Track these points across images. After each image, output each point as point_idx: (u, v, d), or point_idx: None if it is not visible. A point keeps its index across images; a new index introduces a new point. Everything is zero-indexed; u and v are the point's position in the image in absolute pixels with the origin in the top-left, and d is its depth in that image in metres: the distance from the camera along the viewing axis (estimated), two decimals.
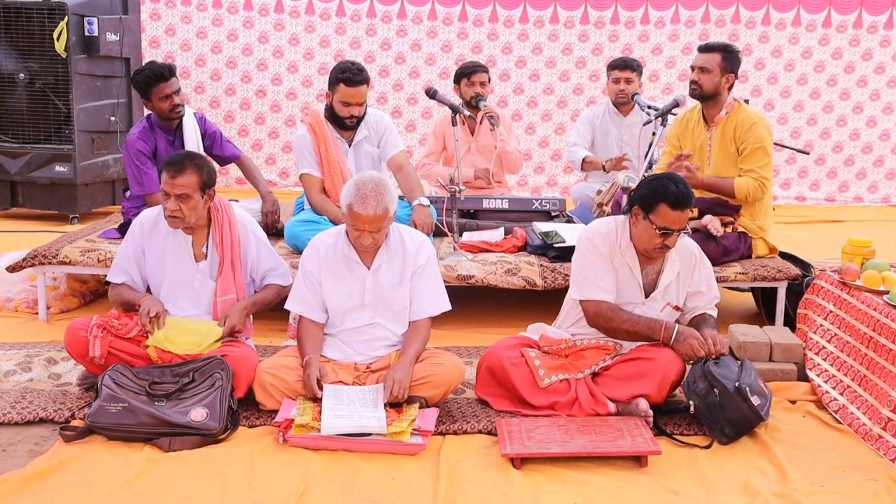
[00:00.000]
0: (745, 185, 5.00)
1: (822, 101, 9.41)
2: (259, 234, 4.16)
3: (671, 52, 9.26)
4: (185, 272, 4.00)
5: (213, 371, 3.66)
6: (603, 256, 3.93)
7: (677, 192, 3.72)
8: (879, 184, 9.58)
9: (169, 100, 5.20)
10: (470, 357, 4.48)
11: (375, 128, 5.32)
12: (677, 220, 3.76)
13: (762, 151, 4.99)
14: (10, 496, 3.06)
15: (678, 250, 3.95)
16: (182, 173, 3.81)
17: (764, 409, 3.64)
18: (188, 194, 3.82)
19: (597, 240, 3.95)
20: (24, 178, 7.50)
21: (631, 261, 3.93)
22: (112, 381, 3.60)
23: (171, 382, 3.64)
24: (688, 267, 4.01)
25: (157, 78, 5.16)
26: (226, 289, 3.98)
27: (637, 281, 3.95)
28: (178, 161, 3.85)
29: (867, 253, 4.53)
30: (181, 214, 3.85)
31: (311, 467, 3.32)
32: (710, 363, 3.66)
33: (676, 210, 3.73)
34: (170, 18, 9.06)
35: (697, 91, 5.07)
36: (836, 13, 9.20)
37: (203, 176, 3.86)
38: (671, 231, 3.77)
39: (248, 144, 9.31)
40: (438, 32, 9.21)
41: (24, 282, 5.39)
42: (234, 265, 4.00)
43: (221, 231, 3.98)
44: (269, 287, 4.18)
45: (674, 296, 4.00)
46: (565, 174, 9.45)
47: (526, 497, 3.15)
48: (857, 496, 3.21)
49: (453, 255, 5.11)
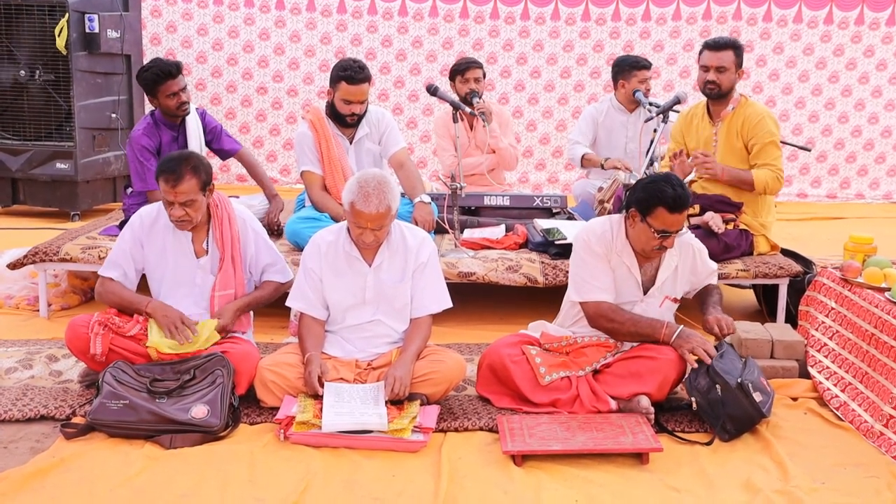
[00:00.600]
0: (763, 176, 4.99)
1: (824, 98, 9.40)
2: (258, 229, 4.16)
3: (672, 49, 9.25)
4: (186, 269, 4.00)
5: (214, 368, 3.66)
6: (599, 257, 3.93)
7: (675, 195, 3.71)
8: (881, 180, 9.57)
9: (176, 97, 5.20)
10: (471, 354, 4.48)
11: (377, 125, 5.31)
12: (675, 222, 3.75)
13: (773, 145, 5.00)
14: (11, 493, 3.06)
15: (677, 244, 3.95)
16: (181, 181, 3.78)
17: (766, 405, 3.64)
18: (191, 199, 3.81)
19: (592, 240, 3.95)
20: (25, 176, 7.50)
21: (628, 260, 3.93)
22: (113, 378, 3.60)
23: (172, 380, 3.64)
24: (687, 259, 4.02)
25: (165, 75, 5.15)
26: (225, 284, 3.98)
27: (636, 279, 3.95)
28: (174, 168, 3.80)
29: (869, 250, 4.53)
30: (188, 218, 3.85)
31: (312, 464, 3.32)
32: (715, 360, 3.66)
33: (675, 213, 3.72)
34: (170, 15, 9.06)
35: (716, 91, 5.01)
36: (838, 9, 9.18)
37: (202, 176, 3.84)
38: (669, 233, 3.77)
39: (249, 141, 9.31)
40: (439, 29, 9.21)
41: (25, 279, 5.40)
42: (234, 260, 4.00)
43: (221, 226, 3.98)
44: (266, 284, 4.17)
45: (671, 289, 4.01)
46: (566, 171, 9.44)
47: (527, 494, 3.15)
48: (858, 493, 3.21)
49: (454, 252, 5.11)
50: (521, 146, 8.99)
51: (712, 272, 4.13)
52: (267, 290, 4.16)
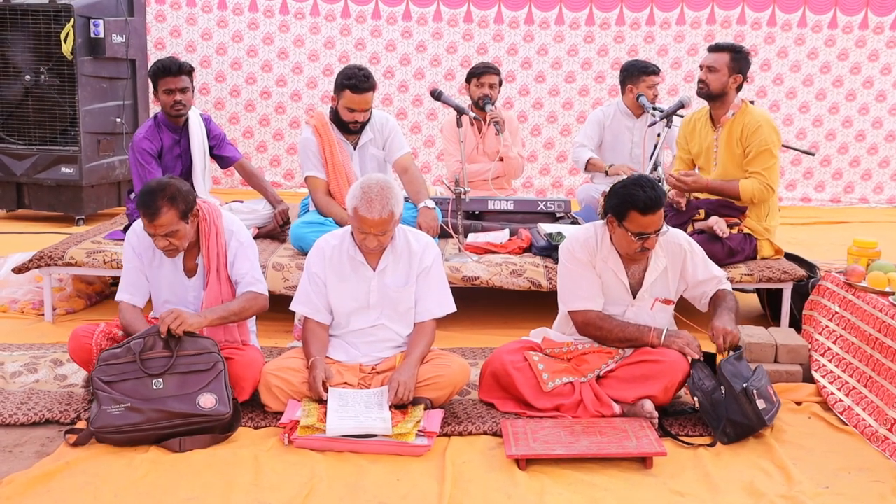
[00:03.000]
0: (750, 186, 5.00)
1: (828, 103, 9.40)
2: (244, 240, 3.99)
3: (677, 54, 9.26)
4: (179, 288, 3.96)
5: (205, 346, 3.63)
6: (583, 265, 3.93)
7: (646, 197, 3.70)
8: (885, 185, 9.56)
9: (171, 95, 5.27)
10: (475, 358, 4.48)
11: (381, 130, 5.31)
12: (650, 223, 3.74)
13: (767, 154, 4.99)
14: (17, 497, 3.07)
15: (663, 245, 3.93)
16: (158, 215, 3.65)
17: (768, 414, 3.63)
18: (173, 230, 3.71)
19: (576, 248, 3.96)
20: (29, 180, 7.52)
21: (614, 264, 3.92)
22: (101, 381, 3.51)
23: (162, 353, 3.58)
24: (677, 260, 3.98)
25: (164, 71, 5.26)
26: (212, 300, 3.88)
27: (623, 283, 3.94)
28: (150, 203, 3.65)
29: (873, 254, 4.53)
30: (173, 248, 3.78)
31: (316, 468, 3.32)
32: (723, 363, 3.65)
33: (648, 215, 3.71)
34: (175, 20, 9.08)
35: (704, 90, 5.07)
36: (843, 14, 9.18)
37: (180, 206, 3.70)
38: (647, 234, 3.76)
39: (253, 146, 9.33)
40: (444, 34, 9.22)
41: (29, 283, 5.41)
42: (219, 273, 3.92)
43: (208, 242, 3.90)
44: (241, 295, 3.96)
45: (662, 290, 3.99)
46: (571, 176, 9.44)
47: (531, 498, 3.15)
48: (863, 498, 3.20)
49: (458, 256, 5.11)
50: (526, 151, 8.99)
51: (714, 277, 4.03)
52: (237, 301, 3.89)
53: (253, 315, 4.00)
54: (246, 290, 3.91)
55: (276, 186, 8.70)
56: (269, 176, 9.24)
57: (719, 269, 4.10)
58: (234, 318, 3.86)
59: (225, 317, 3.81)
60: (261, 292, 3.95)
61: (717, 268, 4.10)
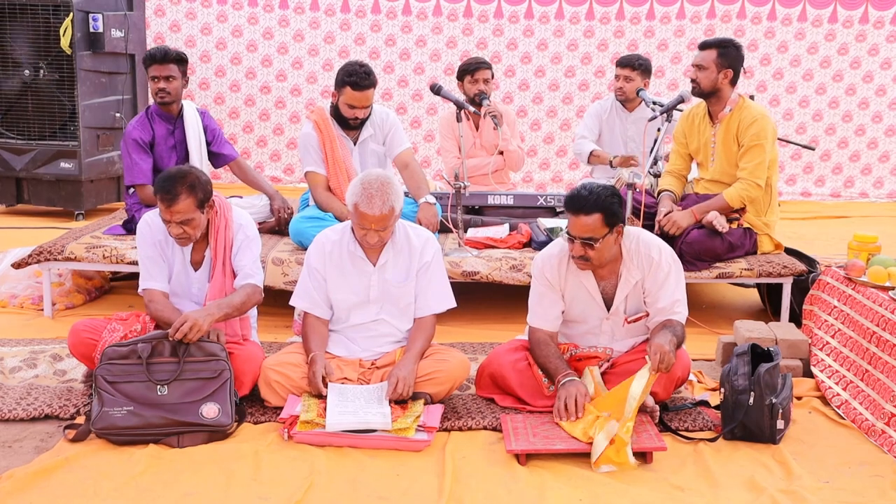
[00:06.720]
0: (736, 193, 4.97)
1: (828, 97, 9.39)
2: (250, 234, 4.00)
3: (677, 48, 9.24)
4: (184, 280, 3.97)
5: (213, 352, 3.62)
6: (548, 285, 3.87)
7: (576, 195, 3.65)
8: (885, 179, 9.55)
9: (156, 82, 5.32)
10: (475, 353, 4.48)
11: (381, 125, 5.30)
12: (575, 225, 3.65)
13: (758, 149, 4.95)
14: (16, 492, 3.07)
15: (635, 258, 3.79)
16: (177, 201, 3.68)
17: (780, 434, 3.59)
18: (189, 218, 3.73)
19: (545, 267, 3.89)
20: (29, 175, 7.51)
21: (585, 279, 3.83)
22: (105, 381, 3.51)
23: (169, 358, 3.57)
24: (649, 273, 3.80)
25: (150, 58, 5.34)
26: (215, 293, 3.89)
27: (593, 297, 3.86)
28: (170, 188, 3.69)
29: (873, 249, 4.53)
30: (186, 236, 3.79)
31: (316, 463, 3.32)
32: (761, 367, 3.57)
33: (579, 215, 3.62)
34: (174, 14, 9.06)
35: (696, 89, 5.07)
36: (843, 8, 9.17)
37: (198, 195, 3.73)
38: (573, 237, 3.67)
39: (253, 141, 9.32)
40: (443, 28, 9.20)
41: (29, 278, 5.40)
42: (224, 266, 3.93)
43: (217, 235, 3.91)
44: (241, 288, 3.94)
45: (635, 305, 3.86)
46: (570, 170, 9.44)
47: (531, 493, 3.15)
48: (863, 492, 3.21)
49: (458, 251, 5.11)
50: (526, 145, 8.98)
51: (672, 304, 3.76)
52: (238, 294, 3.89)
53: (251, 308, 3.99)
54: (245, 283, 3.91)
55: (276, 182, 8.71)
56: (269, 171, 9.25)
57: (683, 304, 3.81)
58: (236, 313, 3.87)
59: (229, 312, 3.81)
60: (258, 285, 3.97)
61: (683, 300, 3.82)
